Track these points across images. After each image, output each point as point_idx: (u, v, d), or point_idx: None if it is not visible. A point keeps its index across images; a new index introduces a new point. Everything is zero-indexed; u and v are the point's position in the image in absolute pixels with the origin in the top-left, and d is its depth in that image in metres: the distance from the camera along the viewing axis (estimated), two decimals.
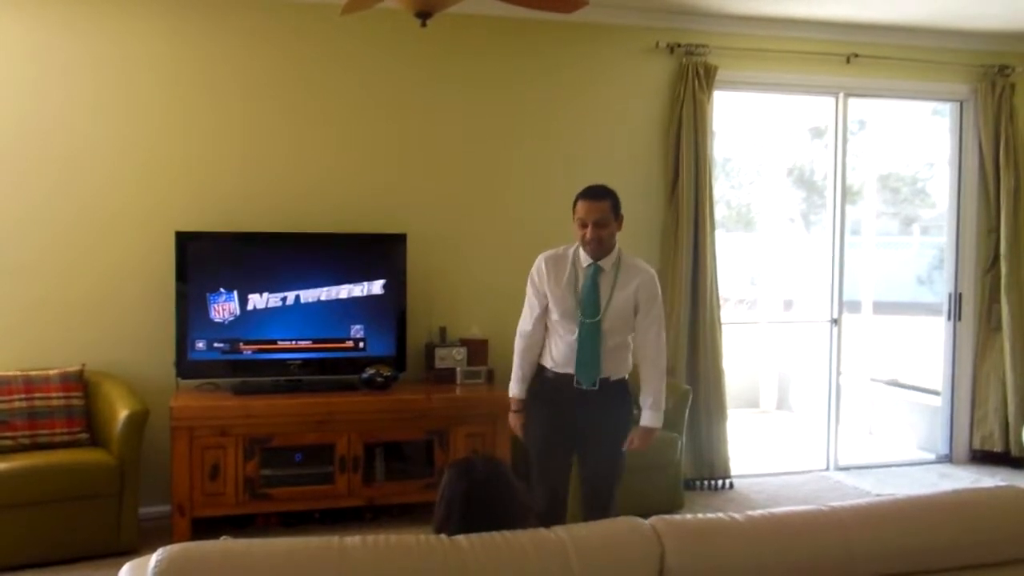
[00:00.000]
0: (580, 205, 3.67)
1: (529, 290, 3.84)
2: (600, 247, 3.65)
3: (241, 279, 4.96)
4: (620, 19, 5.62)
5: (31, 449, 4.49)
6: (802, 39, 5.91)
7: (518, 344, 3.86)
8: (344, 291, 5.09)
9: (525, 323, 3.85)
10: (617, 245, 3.73)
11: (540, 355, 3.83)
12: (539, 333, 3.81)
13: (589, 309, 3.65)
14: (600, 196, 3.67)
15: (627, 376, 3.80)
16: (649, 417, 3.74)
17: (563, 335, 3.71)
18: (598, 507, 3.69)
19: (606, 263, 3.68)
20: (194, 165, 5.10)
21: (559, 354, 3.73)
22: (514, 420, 3.89)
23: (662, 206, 5.77)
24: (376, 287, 5.13)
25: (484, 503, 2.16)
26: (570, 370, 3.69)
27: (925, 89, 6.33)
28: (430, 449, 4.97)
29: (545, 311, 3.78)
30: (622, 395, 3.78)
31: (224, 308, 4.94)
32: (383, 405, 4.90)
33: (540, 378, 3.82)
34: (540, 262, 3.80)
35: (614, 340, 3.69)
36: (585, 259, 3.69)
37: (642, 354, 3.76)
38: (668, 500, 5.16)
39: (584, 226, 3.63)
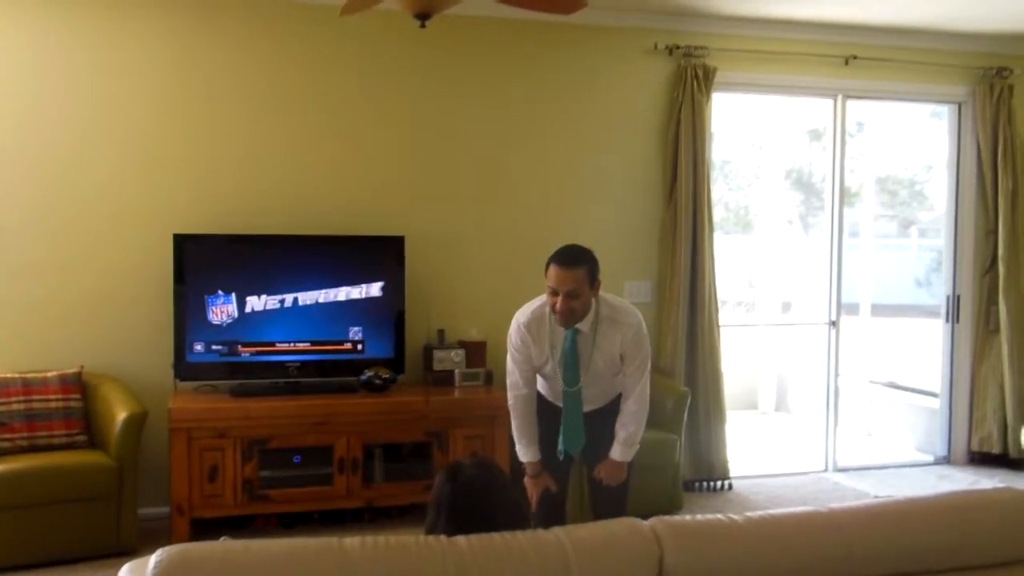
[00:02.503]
0: (552, 271, 3.37)
1: (511, 351, 3.60)
2: (571, 318, 3.39)
3: (239, 281, 4.95)
4: (619, 21, 5.62)
5: (29, 451, 4.49)
6: (800, 41, 5.92)
7: (513, 404, 3.61)
8: (342, 293, 5.09)
9: (514, 377, 3.60)
10: (596, 299, 3.48)
11: None
12: (531, 388, 3.62)
13: (569, 377, 3.48)
14: (573, 263, 3.36)
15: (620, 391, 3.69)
16: (619, 451, 3.57)
17: (554, 381, 3.60)
18: (609, 514, 3.61)
19: (584, 324, 3.45)
20: (193, 167, 5.11)
21: (551, 392, 3.65)
22: (533, 486, 3.62)
23: (660, 208, 5.78)
24: (374, 289, 5.13)
25: (470, 508, 2.16)
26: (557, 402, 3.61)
27: (923, 91, 6.34)
28: (429, 451, 4.96)
29: (530, 378, 3.60)
30: (617, 408, 3.66)
31: (222, 310, 4.94)
32: (382, 407, 4.90)
33: (539, 404, 3.68)
34: (520, 329, 3.53)
35: (602, 384, 3.58)
36: None
37: (624, 395, 3.59)
38: (667, 501, 5.15)
39: (555, 294, 3.36)
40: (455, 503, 2.17)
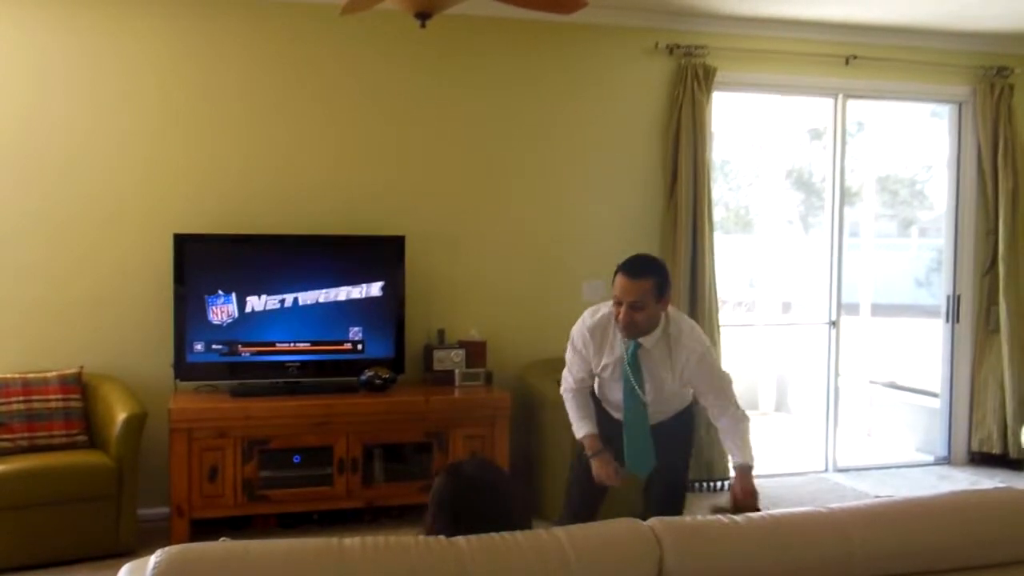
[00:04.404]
0: (618, 280, 3.26)
1: (570, 348, 3.51)
2: (634, 330, 3.27)
3: (239, 281, 4.95)
4: (619, 20, 5.62)
5: (29, 451, 4.49)
6: (801, 40, 5.92)
7: (566, 392, 3.54)
8: (343, 293, 5.09)
9: (568, 383, 3.53)
10: (665, 316, 3.35)
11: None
12: (586, 384, 3.53)
13: (630, 391, 3.35)
14: (640, 274, 3.24)
15: (689, 402, 3.61)
16: (740, 454, 3.41)
17: (614, 389, 3.47)
18: (666, 500, 3.51)
19: (648, 340, 3.32)
20: (193, 167, 5.10)
21: (615, 400, 3.49)
22: (601, 467, 3.41)
23: (660, 208, 5.78)
24: (375, 289, 5.13)
25: (469, 508, 2.15)
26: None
27: (924, 91, 6.34)
28: (429, 451, 4.96)
29: (590, 373, 3.50)
30: (684, 420, 3.60)
31: (222, 310, 4.94)
32: (382, 407, 4.90)
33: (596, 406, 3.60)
34: (584, 331, 3.44)
35: (661, 405, 3.46)
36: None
37: (713, 419, 3.49)
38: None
39: (619, 304, 3.26)
40: (455, 503, 2.17)
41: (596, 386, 3.63)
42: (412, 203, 5.42)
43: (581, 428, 3.49)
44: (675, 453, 3.60)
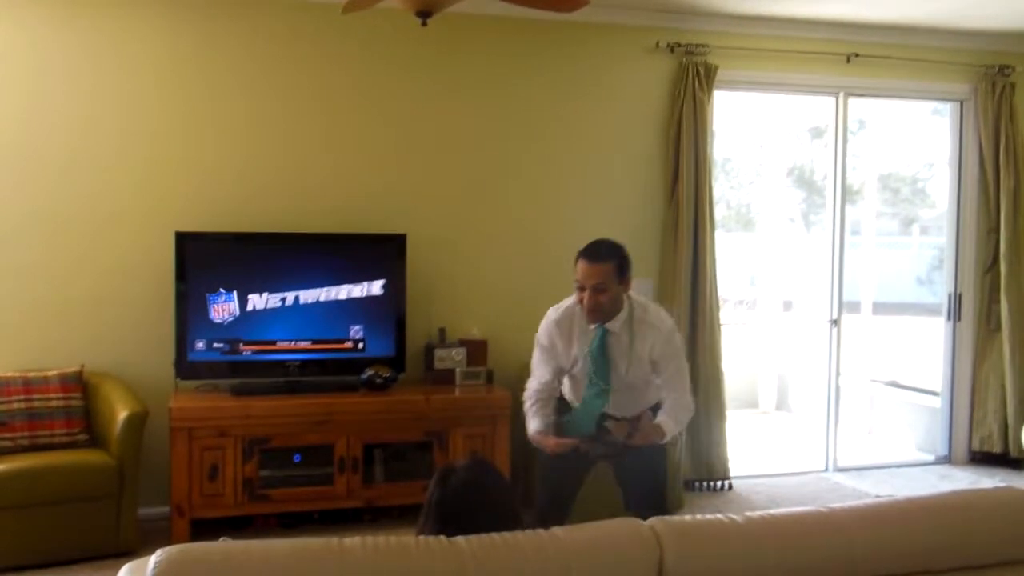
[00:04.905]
0: (579, 265, 3.33)
1: (538, 353, 3.53)
2: (599, 314, 3.34)
3: (241, 279, 4.95)
4: (620, 19, 5.62)
5: (30, 450, 4.49)
6: (802, 39, 5.91)
7: (529, 394, 3.54)
8: (343, 292, 5.09)
9: (531, 389, 3.53)
10: (629, 300, 3.42)
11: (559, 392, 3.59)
12: (552, 387, 3.52)
13: (598, 378, 3.38)
14: (601, 257, 3.31)
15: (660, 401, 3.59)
16: (663, 418, 3.41)
17: (578, 389, 3.50)
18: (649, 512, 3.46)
19: (614, 325, 3.38)
20: (194, 165, 5.10)
21: (579, 399, 3.51)
22: (545, 440, 3.44)
23: (662, 206, 5.77)
24: (376, 288, 5.13)
25: (457, 513, 2.16)
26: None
27: (925, 89, 6.33)
28: (429, 450, 4.96)
29: (558, 373, 3.52)
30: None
31: (224, 308, 4.94)
32: (382, 406, 4.90)
33: (563, 406, 3.60)
34: (549, 325, 3.48)
35: (632, 394, 3.46)
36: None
37: (665, 397, 3.49)
38: (667, 501, 5.14)
39: (582, 289, 3.32)
40: (442, 507, 2.17)
41: (567, 387, 3.61)
42: (413, 201, 5.41)
43: (531, 425, 3.49)
44: (652, 448, 3.54)
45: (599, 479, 3.71)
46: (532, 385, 3.57)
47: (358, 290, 5.11)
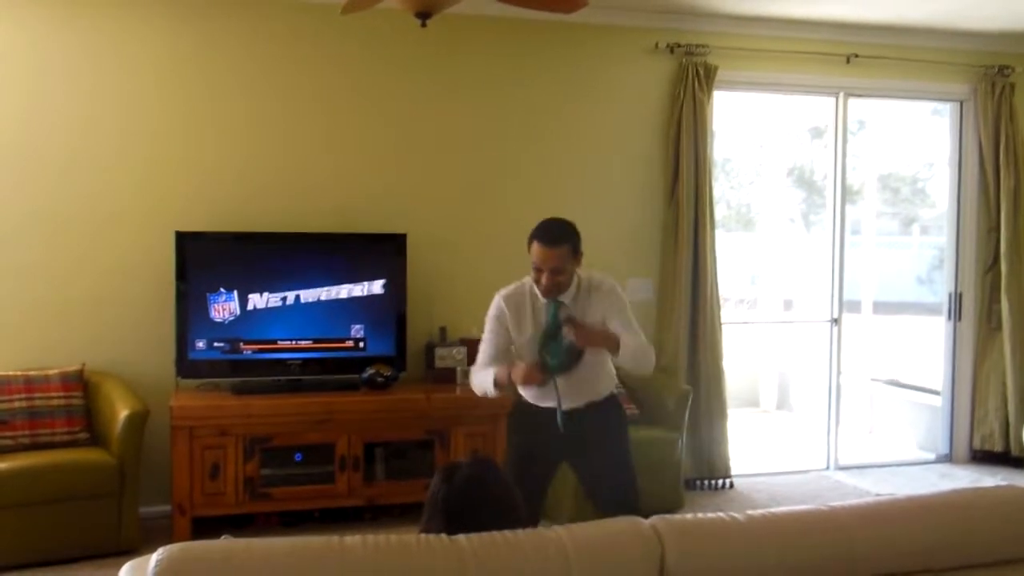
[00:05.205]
0: (535, 249, 3.40)
1: (489, 330, 3.55)
2: (556, 291, 3.40)
3: (241, 279, 4.96)
4: (620, 19, 5.62)
5: (31, 449, 4.49)
6: (802, 39, 5.91)
7: (473, 374, 3.58)
8: (344, 291, 5.09)
9: (477, 366, 3.54)
10: (576, 274, 3.48)
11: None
12: (500, 364, 3.50)
13: (554, 350, 3.37)
14: (557, 241, 3.38)
15: (615, 390, 3.64)
16: (622, 336, 3.38)
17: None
18: (614, 504, 3.38)
19: (567, 296, 3.45)
20: (194, 165, 5.11)
21: (535, 393, 3.51)
22: (514, 370, 3.42)
23: (662, 206, 5.77)
24: (376, 287, 5.13)
25: (462, 510, 2.16)
26: (551, 404, 3.45)
27: (925, 89, 6.33)
28: (430, 449, 4.96)
29: (507, 352, 3.54)
30: (615, 410, 3.60)
31: (224, 308, 4.94)
32: (383, 405, 4.90)
33: (519, 404, 3.63)
34: (500, 302, 3.53)
35: (590, 367, 3.46)
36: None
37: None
38: (668, 500, 5.15)
39: (539, 271, 3.39)
40: (447, 504, 2.17)
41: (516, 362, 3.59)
42: (413, 201, 5.42)
43: (489, 377, 3.46)
44: (615, 447, 3.57)
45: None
46: (476, 365, 3.58)
47: (359, 289, 5.11)
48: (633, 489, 3.56)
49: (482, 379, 3.53)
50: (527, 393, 3.57)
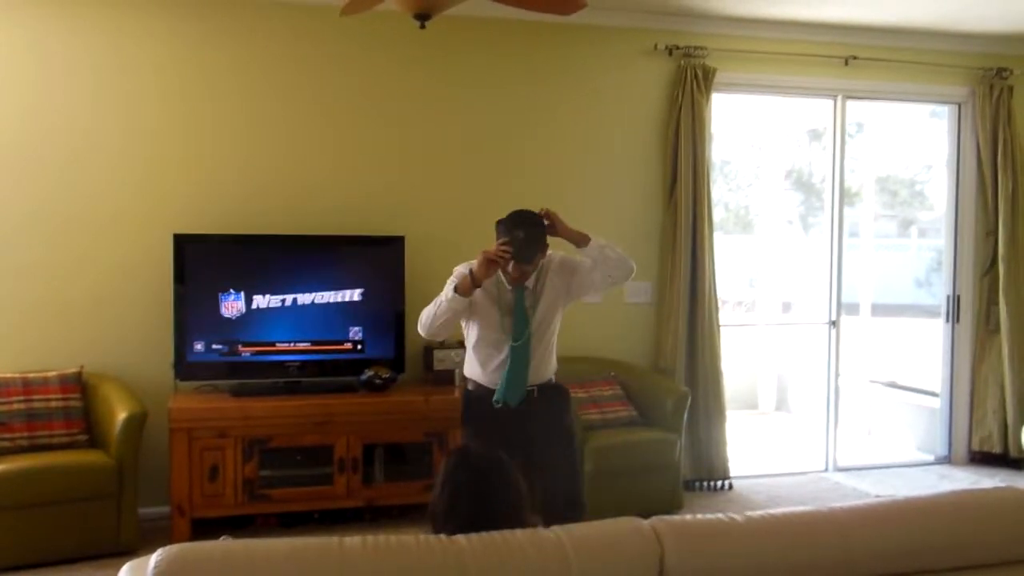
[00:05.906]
0: (513, 265, 3.57)
1: (451, 280, 3.63)
2: (524, 280, 3.62)
3: (239, 281, 4.95)
4: (618, 21, 5.62)
5: (30, 451, 4.49)
6: (800, 41, 5.92)
7: (424, 310, 3.68)
8: (343, 293, 5.09)
9: (442, 301, 3.60)
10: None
11: (465, 360, 3.76)
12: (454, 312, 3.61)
13: (518, 330, 3.58)
14: (533, 257, 3.57)
15: (554, 377, 3.75)
16: (585, 267, 3.65)
17: (488, 352, 3.64)
18: (566, 503, 3.45)
19: (530, 281, 3.65)
20: (194, 166, 5.11)
21: (485, 370, 3.65)
22: (479, 259, 3.55)
23: (660, 208, 5.78)
24: (375, 289, 5.13)
25: (474, 479, 2.19)
26: (495, 386, 3.60)
27: (923, 91, 6.34)
28: (429, 451, 4.96)
29: (465, 309, 3.61)
30: (560, 398, 3.72)
31: (232, 306, 4.95)
32: (382, 407, 4.90)
33: (467, 394, 3.76)
34: (464, 269, 3.60)
35: (542, 346, 3.64)
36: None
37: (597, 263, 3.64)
38: (667, 501, 5.15)
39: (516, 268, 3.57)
40: (457, 474, 2.20)
41: (473, 360, 3.73)
42: (412, 203, 5.42)
43: (451, 286, 3.59)
44: (560, 447, 3.66)
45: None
46: (428, 308, 3.69)
47: (357, 291, 5.11)
48: (578, 488, 3.66)
49: (433, 304, 3.65)
50: (478, 372, 3.68)
